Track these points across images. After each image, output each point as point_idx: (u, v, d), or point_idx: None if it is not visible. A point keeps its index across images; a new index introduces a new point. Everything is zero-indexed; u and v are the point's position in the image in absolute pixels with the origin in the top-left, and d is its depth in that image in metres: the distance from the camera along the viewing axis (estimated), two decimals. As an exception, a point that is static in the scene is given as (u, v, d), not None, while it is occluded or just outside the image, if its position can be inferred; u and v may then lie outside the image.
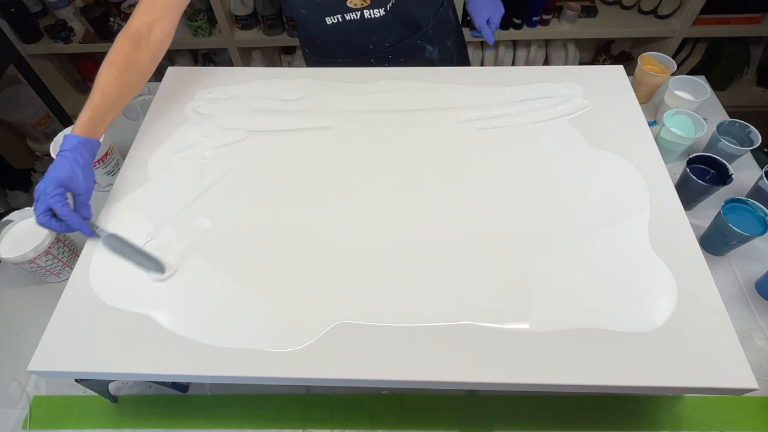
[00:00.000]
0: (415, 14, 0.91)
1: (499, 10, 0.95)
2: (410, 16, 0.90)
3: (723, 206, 0.74)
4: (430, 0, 0.93)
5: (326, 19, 0.86)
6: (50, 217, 0.61)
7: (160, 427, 0.67)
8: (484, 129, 0.76)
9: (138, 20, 0.73)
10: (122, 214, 0.67)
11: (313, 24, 0.89)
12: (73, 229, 0.62)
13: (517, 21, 1.71)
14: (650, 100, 1.03)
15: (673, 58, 1.05)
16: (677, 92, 0.92)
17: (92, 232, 0.64)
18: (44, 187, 0.61)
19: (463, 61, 1.09)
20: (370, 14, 0.85)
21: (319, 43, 0.95)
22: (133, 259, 0.61)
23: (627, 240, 0.62)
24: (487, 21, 0.95)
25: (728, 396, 0.66)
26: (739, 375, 0.51)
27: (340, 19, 0.86)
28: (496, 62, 1.90)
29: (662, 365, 0.52)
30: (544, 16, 1.71)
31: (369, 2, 0.83)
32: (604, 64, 1.88)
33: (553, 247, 0.62)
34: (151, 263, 0.60)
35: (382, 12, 0.85)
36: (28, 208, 0.74)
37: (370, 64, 0.95)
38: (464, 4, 1.00)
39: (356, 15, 0.85)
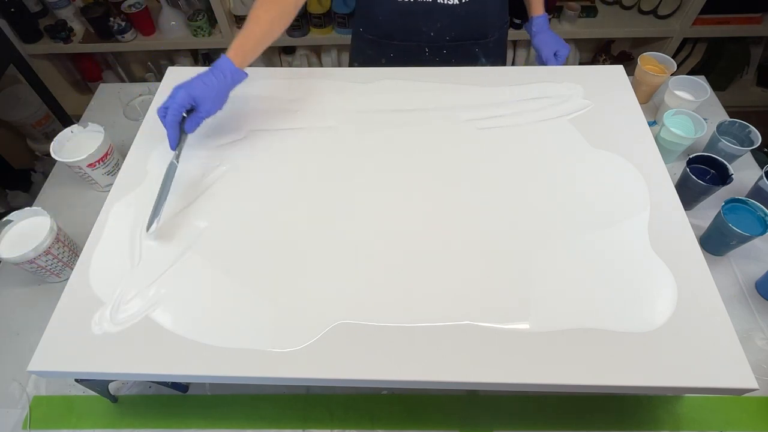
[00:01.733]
0: (484, 20, 0.92)
1: (566, 47, 0.98)
2: (480, 21, 0.91)
3: (723, 206, 0.74)
4: (500, 15, 0.95)
5: None
6: (164, 115, 0.67)
7: (160, 427, 0.67)
8: (484, 129, 0.76)
9: None
10: (122, 213, 0.67)
11: None
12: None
13: (517, 21, 1.71)
14: (650, 100, 1.03)
15: (673, 58, 1.05)
16: (677, 92, 0.92)
17: (174, 147, 0.69)
18: (177, 91, 0.67)
19: None
20: (443, 0, 0.86)
21: (380, 20, 0.94)
22: (158, 197, 0.66)
23: (627, 240, 0.62)
24: (555, 54, 0.98)
25: (728, 396, 0.66)
26: (739, 375, 0.51)
27: None
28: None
29: (662, 365, 0.52)
30: (544, 16, 1.70)
31: None
32: (604, 64, 1.88)
33: (553, 247, 0.62)
34: (154, 216, 0.64)
35: (455, 0, 0.86)
36: (28, 208, 0.74)
37: (425, 54, 0.95)
38: (530, 39, 1.02)
39: None
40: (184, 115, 0.69)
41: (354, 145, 0.75)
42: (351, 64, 1.09)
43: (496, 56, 1.01)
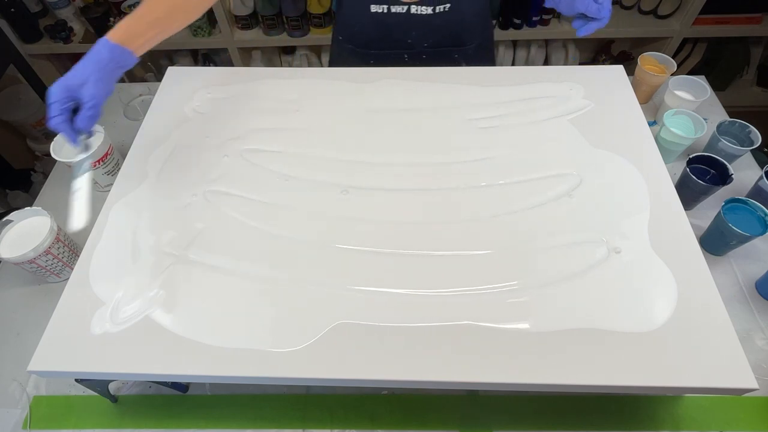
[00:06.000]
0: (461, 28, 0.91)
1: None
2: (457, 29, 0.90)
3: (723, 206, 0.74)
4: (481, 22, 0.94)
5: (371, 6, 0.86)
6: (49, 119, 0.59)
7: (160, 427, 0.67)
8: (484, 129, 0.76)
9: None
10: (122, 213, 0.67)
11: (355, 10, 0.88)
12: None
13: (517, 21, 1.71)
14: (650, 100, 1.02)
15: (673, 58, 1.05)
16: (677, 92, 0.92)
17: (78, 144, 0.62)
18: (51, 90, 0.59)
19: None
20: (417, 10, 0.85)
21: (357, 30, 0.93)
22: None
23: (627, 240, 0.62)
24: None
25: (728, 396, 0.66)
26: (739, 375, 0.51)
27: (386, 10, 0.86)
28: (496, 62, 1.90)
29: (662, 365, 0.52)
30: (544, 16, 1.70)
31: None
32: (604, 64, 1.88)
33: (553, 247, 0.62)
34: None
35: (429, 10, 0.85)
36: (29, 208, 0.74)
37: (404, 61, 0.95)
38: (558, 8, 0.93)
39: (403, 8, 0.85)
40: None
41: (354, 145, 0.75)
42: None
43: (480, 60, 1.00)
